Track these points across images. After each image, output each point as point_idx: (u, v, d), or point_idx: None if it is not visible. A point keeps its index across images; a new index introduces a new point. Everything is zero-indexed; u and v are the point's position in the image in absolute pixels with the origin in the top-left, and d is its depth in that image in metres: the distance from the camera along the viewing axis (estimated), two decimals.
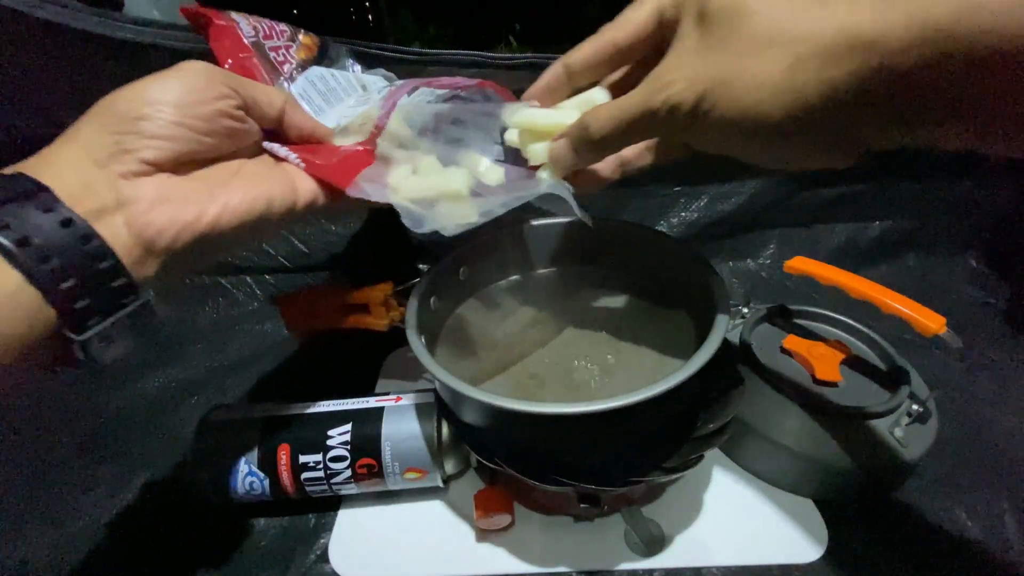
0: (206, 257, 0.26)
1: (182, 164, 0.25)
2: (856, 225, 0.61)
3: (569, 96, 0.30)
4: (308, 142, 0.31)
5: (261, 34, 0.33)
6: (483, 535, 0.36)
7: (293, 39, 0.35)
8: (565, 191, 0.29)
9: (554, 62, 0.29)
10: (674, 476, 0.35)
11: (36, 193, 0.21)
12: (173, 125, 0.24)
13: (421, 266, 0.59)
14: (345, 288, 0.40)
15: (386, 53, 0.43)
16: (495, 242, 0.42)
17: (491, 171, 0.31)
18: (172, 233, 0.24)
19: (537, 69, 0.30)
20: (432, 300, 0.38)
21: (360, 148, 0.32)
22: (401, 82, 0.36)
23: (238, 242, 0.27)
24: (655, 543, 0.35)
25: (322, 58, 0.36)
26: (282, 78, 0.33)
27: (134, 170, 0.23)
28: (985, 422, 0.43)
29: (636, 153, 0.31)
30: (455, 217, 0.28)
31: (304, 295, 0.42)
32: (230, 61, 0.31)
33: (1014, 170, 0.57)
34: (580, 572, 0.34)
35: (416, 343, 0.32)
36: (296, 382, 0.48)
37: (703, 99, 0.22)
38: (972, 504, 0.37)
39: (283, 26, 0.35)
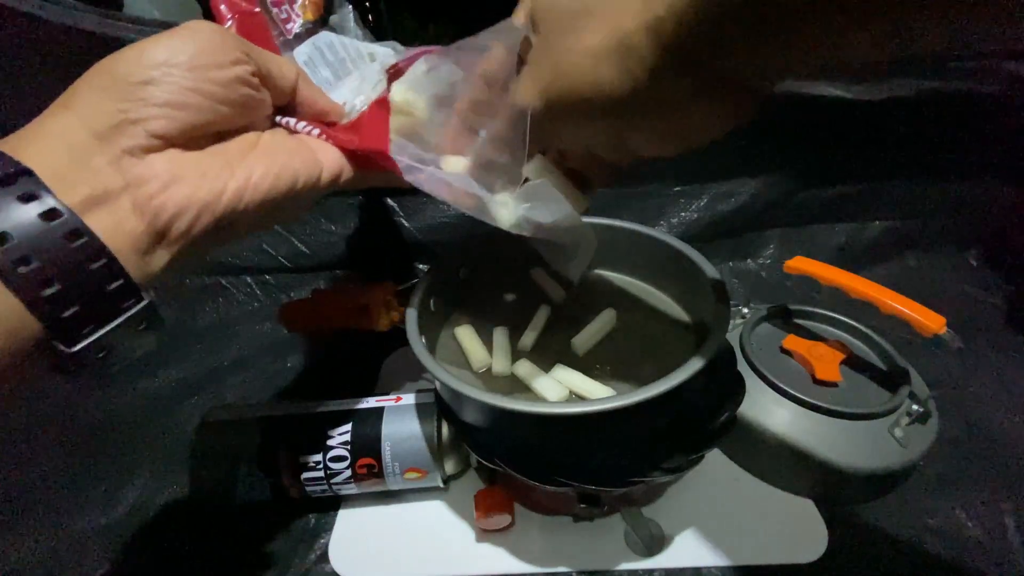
0: (220, 245, 0.23)
1: (195, 138, 0.22)
2: (856, 225, 0.61)
3: None
4: (320, 121, 0.28)
5: None
6: (483, 535, 0.36)
7: None
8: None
9: None
10: (674, 476, 0.35)
11: (15, 177, 0.17)
12: (187, 91, 0.21)
13: (421, 266, 0.59)
14: (349, 288, 0.40)
15: None
16: (495, 242, 0.42)
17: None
18: (190, 216, 0.21)
19: None
20: (432, 300, 0.38)
21: (371, 106, 0.29)
22: (412, 51, 0.32)
23: (257, 225, 0.24)
24: (655, 543, 0.35)
25: (327, 18, 0.32)
26: (283, 38, 0.29)
27: (142, 144, 0.20)
28: (985, 422, 0.43)
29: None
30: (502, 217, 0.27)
31: (308, 302, 0.42)
32: (234, 16, 0.27)
33: (1014, 170, 0.57)
34: (580, 572, 0.34)
35: (416, 343, 0.32)
36: (296, 382, 0.48)
37: (547, 96, 0.21)
38: (972, 504, 0.37)
39: None
